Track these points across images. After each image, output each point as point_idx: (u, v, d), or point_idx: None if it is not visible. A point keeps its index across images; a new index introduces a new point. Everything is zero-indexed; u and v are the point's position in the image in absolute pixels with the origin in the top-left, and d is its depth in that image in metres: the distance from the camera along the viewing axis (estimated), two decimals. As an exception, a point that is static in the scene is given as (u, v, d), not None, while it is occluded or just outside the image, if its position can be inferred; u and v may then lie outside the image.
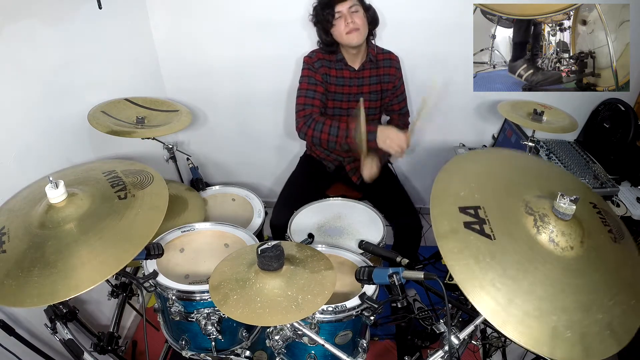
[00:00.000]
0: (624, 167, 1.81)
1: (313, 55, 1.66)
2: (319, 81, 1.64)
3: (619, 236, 0.88)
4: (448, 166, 0.97)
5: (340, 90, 1.69)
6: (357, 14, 1.53)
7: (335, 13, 1.52)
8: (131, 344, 1.73)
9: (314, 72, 1.64)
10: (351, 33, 1.52)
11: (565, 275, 0.75)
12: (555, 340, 0.68)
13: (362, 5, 1.56)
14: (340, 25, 1.53)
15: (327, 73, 1.66)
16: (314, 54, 1.66)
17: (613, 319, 0.73)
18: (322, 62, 1.65)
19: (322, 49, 1.66)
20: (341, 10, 1.51)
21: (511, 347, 1.35)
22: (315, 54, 1.66)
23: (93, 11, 1.54)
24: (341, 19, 1.52)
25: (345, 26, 1.51)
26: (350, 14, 1.51)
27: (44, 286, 0.80)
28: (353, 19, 1.51)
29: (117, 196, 0.98)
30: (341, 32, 1.54)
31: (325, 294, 0.91)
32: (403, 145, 1.44)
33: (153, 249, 1.07)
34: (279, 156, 2.38)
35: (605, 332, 0.71)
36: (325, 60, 1.65)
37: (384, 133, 1.46)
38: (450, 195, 0.87)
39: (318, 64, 1.64)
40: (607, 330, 0.71)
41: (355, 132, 1.48)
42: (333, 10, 1.51)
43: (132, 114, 1.59)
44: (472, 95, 2.02)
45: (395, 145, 1.44)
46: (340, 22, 1.52)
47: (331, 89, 1.68)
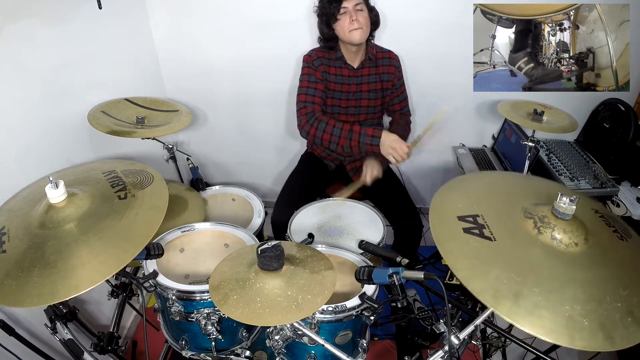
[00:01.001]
0: (624, 167, 1.81)
1: (312, 53, 1.67)
2: (319, 79, 1.64)
3: (626, 235, 0.88)
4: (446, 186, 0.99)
5: (339, 89, 1.69)
6: (362, 12, 1.54)
7: (341, 8, 1.52)
8: (131, 344, 1.73)
9: (314, 70, 1.65)
10: (355, 31, 1.53)
11: (571, 269, 0.75)
12: (571, 330, 0.67)
13: (367, 4, 1.58)
14: (344, 21, 1.53)
15: (326, 71, 1.67)
16: (314, 52, 1.67)
17: (632, 307, 0.71)
18: (321, 60, 1.66)
19: (321, 47, 1.67)
20: (347, 6, 1.52)
21: (511, 347, 1.35)
22: (315, 52, 1.67)
23: (93, 11, 1.54)
24: (346, 15, 1.53)
25: (349, 23, 1.52)
26: (355, 11, 1.52)
27: (44, 286, 0.80)
28: (357, 17, 1.52)
29: (117, 196, 0.98)
30: (344, 28, 1.54)
31: (325, 294, 0.91)
32: (404, 157, 1.49)
33: (153, 249, 1.07)
34: (279, 156, 2.38)
35: (627, 319, 0.70)
36: (324, 58, 1.66)
37: (388, 140, 1.49)
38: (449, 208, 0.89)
39: (317, 62, 1.65)
40: (629, 317, 0.70)
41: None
42: (340, 4, 1.52)
43: (132, 114, 1.59)
44: (472, 95, 2.02)
45: (398, 155, 1.49)
46: (345, 17, 1.53)
47: (330, 86, 1.69)
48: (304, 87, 1.64)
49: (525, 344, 1.06)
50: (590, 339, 0.67)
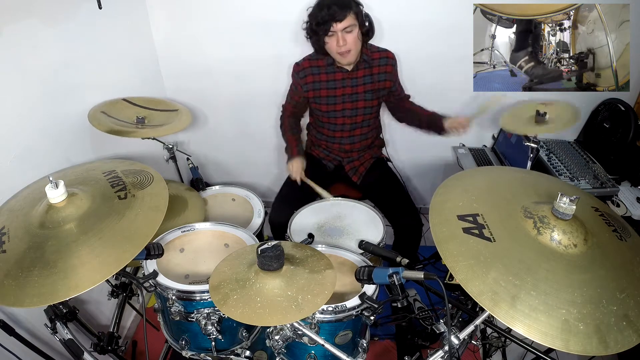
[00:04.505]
0: (624, 167, 1.81)
1: (300, 62, 1.68)
2: (298, 90, 1.70)
3: (625, 234, 0.88)
4: (446, 183, 0.99)
5: (332, 94, 1.68)
6: (351, 34, 1.49)
7: (329, 31, 1.49)
8: (131, 344, 1.73)
9: (296, 81, 1.70)
10: (342, 55, 1.52)
11: (570, 271, 0.75)
12: (567, 334, 0.67)
13: (359, 21, 1.51)
14: (332, 44, 1.52)
15: (315, 80, 1.66)
16: (301, 62, 1.68)
17: (628, 310, 0.72)
18: (309, 70, 1.66)
19: (312, 53, 1.67)
20: (335, 30, 1.47)
21: (511, 347, 1.34)
22: (302, 62, 1.67)
23: (93, 11, 1.54)
24: (333, 37, 1.50)
25: (337, 47, 1.50)
26: (343, 34, 1.48)
27: (44, 286, 0.80)
28: (345, 40, 1.48)
29: (117, 196, 0.99)
30: (332, 49, 1.54)
31: (325, 294, 0.91)
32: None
33: (153, 249, 1.07)
34: (279, 156, 2.38)
35: (622, 322, 0.70)
36: (314, 67, 1.66)
37: (292, 162, 1.73)
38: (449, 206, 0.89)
39: (302, 74, 1.66)
40: (624, 321, 0.70)
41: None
42: (328, 28, 1.48)
43: (132, 114, 1.59)
44: (472, 95, 2.02)
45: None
46: (333, 40, 1.51)
47: (323, 93, 1.68)
48: (288, 92, 1.79)
49: (525, 344, 1.06)
50: (585, 343, 0.67)
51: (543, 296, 0.71)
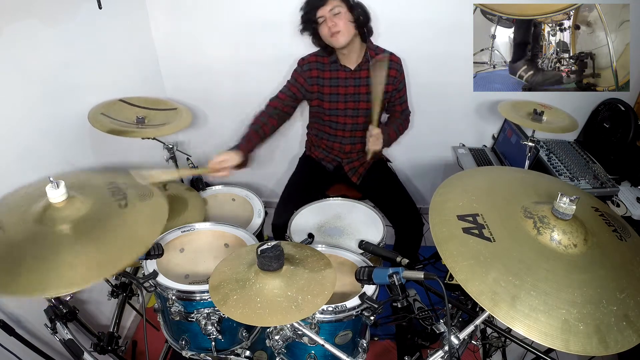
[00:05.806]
0: (624, 167, 1.81)
1: (306, 57, 1.70)
2: (298, 83, 1.69)
3: (625, 234, 0.88)
4: (446, 183, 0.99)
5: (335, 92, 1.69)
6: (339, 15, 1.52)
7: (318, 18, 1.53)
8: (131, 344, 1.73)
9: (299, 74, 1.69)
10: (334, 36, 1.53)
11: (570, 271, 0.75)
12: (567, 334, 0.67)
13: (347, 4, 1.54)
14: (324, 29, 1.55)
15: (319, 76, 1.67)
16: (307, 56, 1.70)
17: (628, 310, 0.72)
18: (314, 65, 1.67)
19: (318, 51, 1.69)
20: (323, 14, 1.52)
21: (511, 347, 1.34)
22: (309, 56, 1.69)
23: (93, 11, 1.54)
24: (324, 23, 1.54)
25: (328, 30, 1.53)
26: (331, 17, 1.51)
27: (36, 278, 0.79)
28: (334, 22, 1.51)
29: (118, 204, 0.99)
30: (325, 35, 1.56)
31: (325, 294, 0.91)
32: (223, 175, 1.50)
33: (153, 249, 1.07)
34: (279, 156, 2.38)
35: (622, 322, 0.70)
36: (318, 63, 1.67)
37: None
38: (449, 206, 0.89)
39: (307, 67, 1.67)
40: (624, 321, 0.70)
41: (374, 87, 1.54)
42: (315, 15, 1.53)
43: (132, 114, 1.59)
44: (472, 95, 2.03)
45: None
46: (324, 26, 1.54)
47: (326, 90, 1.69)
48: (281, 89, 1.72)
49: (525, 344, 1.06)
50: (585, 343, 0.67)
51: (543, 296, 0.71)
